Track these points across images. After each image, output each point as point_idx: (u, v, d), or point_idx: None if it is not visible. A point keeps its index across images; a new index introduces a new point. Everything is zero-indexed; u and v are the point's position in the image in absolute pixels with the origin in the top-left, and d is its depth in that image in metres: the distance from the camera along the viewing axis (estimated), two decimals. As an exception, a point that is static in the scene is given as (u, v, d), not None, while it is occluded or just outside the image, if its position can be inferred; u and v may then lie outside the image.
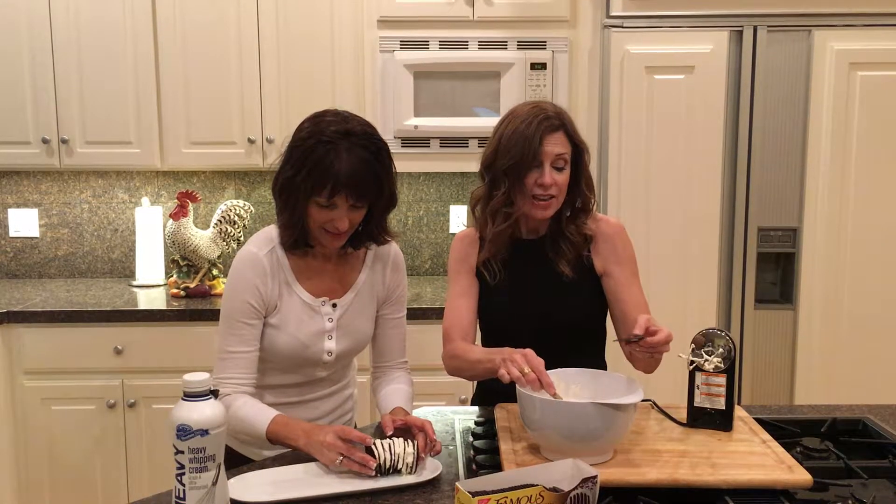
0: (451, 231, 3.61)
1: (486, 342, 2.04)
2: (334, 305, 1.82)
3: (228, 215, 3.33)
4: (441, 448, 1.63)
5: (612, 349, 1.97)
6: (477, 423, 1.81)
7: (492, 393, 1.93)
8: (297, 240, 1.76)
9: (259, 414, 1.70)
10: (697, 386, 1.71)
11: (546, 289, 1.92)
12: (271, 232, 1.81)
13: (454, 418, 1.88)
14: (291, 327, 1.78)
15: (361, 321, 1.87)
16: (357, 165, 1.65)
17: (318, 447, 1.58)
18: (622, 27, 2.90)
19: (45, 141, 3.20)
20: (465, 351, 1.88)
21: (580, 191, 1.92)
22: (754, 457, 1.54)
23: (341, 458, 1.54)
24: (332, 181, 1.65)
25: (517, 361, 1.58)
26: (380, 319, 1.92)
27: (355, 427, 2.00)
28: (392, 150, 1.77)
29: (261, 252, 1.77)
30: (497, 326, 2.00)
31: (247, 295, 1.75)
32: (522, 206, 1.88)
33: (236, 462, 1.72)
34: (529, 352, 1.61)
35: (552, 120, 1.85)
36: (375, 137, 1.71)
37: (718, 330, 1.72)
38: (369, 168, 1.67)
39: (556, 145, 1.84)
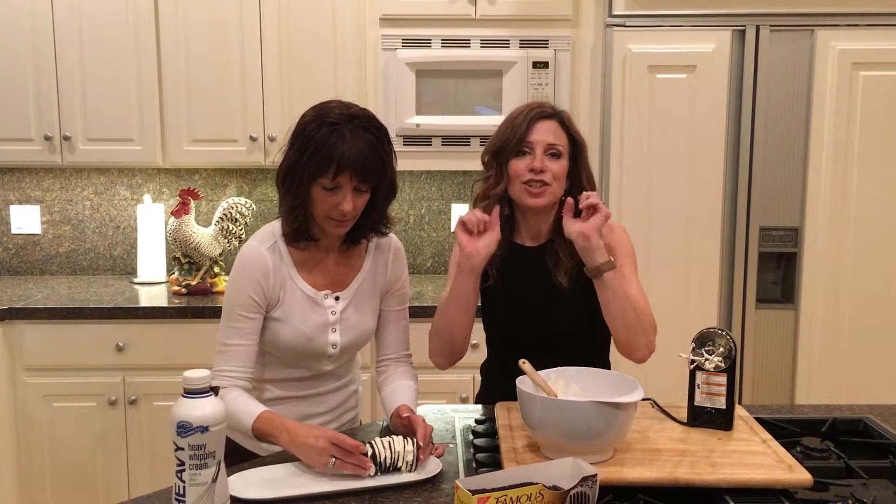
0: (453, 230, 3.60)
1: (490, 343, 2.06)
2: (337, 298, 1.83)
3: (230, 213, 3.33)
4: (444, 451, 1.62)
5: (614, 349, 1.97)
6: (477, 422, 1.81)
7: (494, 392, 1.93)
8: (299, 229, 1.76)
9: (247, 407, 1.69)
10: (698, 385, 1.71)
11: (543, 299, 1.91)
12: (274, 226, 1.82)
13: (455, 417, 1.88)
14: (295, 320, 1.78)
15: (364, 314, 1.87)
16: (361, 146, 1.68)
17: (303, 449, 1.56)
18: (624, 26, 2.89)
19: (47, 138, 3.20)
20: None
21: (581, 191, 1.89)
22: (754, 456, 1.54)
23: (334, 460, 1.52)
24: (336, 161, 1.66)
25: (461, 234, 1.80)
26: (382, 313, 1.92)
27: (360, 424, 2.01)
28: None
29: (263, 246, 1.78)
30: (498, 333, 2.02)
31: (248, 289, 1.75)
32: (514, 193, 1.90)
33: (241, 457, 1.72)
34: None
35: (545, 109, 1.89)
36: (377, 121, 1.75)
37: (719, 329, 1.72)
38: (373, 150, 1.70)
39: (547, 133, 1.87)
